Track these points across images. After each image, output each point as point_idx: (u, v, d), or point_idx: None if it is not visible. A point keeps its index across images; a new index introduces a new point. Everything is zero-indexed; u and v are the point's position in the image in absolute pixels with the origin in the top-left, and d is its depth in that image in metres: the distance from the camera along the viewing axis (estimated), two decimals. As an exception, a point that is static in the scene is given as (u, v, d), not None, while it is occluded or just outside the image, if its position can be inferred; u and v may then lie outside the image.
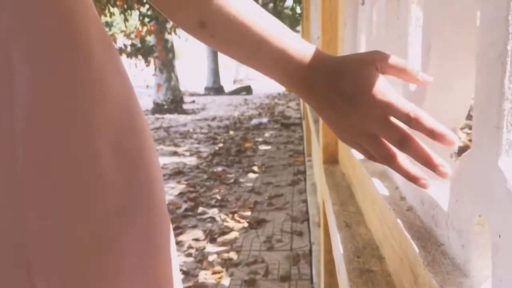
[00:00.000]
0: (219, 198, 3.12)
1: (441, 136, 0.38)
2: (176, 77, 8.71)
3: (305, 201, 2.92)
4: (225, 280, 2.00)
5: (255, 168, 3.91)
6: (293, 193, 3.18)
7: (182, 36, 8.56)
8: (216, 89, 12.72)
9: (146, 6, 6.97)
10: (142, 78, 8.42)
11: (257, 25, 0.42)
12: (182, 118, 7.62)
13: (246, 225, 2.61)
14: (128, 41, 8.42)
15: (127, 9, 6.96)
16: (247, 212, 2.82)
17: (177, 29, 7.74)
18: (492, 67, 0.32)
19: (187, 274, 2.06)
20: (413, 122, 0.39)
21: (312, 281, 1.93)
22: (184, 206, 2.96)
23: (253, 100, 10.42)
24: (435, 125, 0.38)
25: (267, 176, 3.66)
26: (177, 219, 2.74)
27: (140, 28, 7.72)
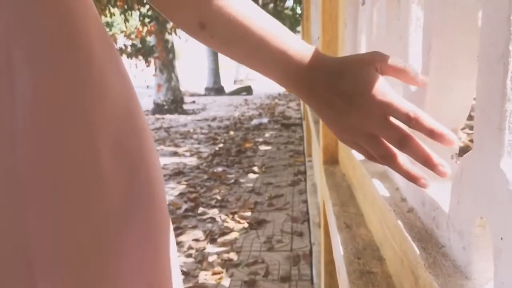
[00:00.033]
0: (219, 199, 3.12)
1: (441, 136, 0.38)
2: (177, 78, 8.71)
3: (306, 202, 2.92)
4: (225, 281, 1.99)
5: (255, 169, 3.91)
6: (294, 194, 3.17)
7: (183, 37, 8.55)
8: (217, 90, 12.72)
9: (147, 7, 6.97)
10: (143, 79, 8.43)
11: (257, 26, 0.42)
12: (183, 119, 7.62)
13: (246, 226, 2.61)
14: (129, 42, 8.42)
15: (128, 10, 6.97)
16: (247, 213, 2.82)
17: (178, 30, 7.73)
18: (494, 68, 0.31)
19: (187, 275, 2.06)
20: (413, 122, 0.39)
21: (313, 282, 1.93)
22: (184, 207, 2.96)
23: (254, 101, 10.43)
24: (435, 125, 0.38)
25: (268, 177, 3.65)
26: (177, 220, 2.74)
27: (141, 29, 7.72)
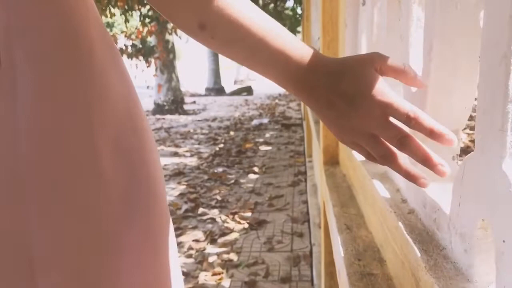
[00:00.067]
0: (220, 199, 3.12)
1: (441, 136, 0.38)
2: (177, 78, 8.71)
3: (306, 202, 2.91)
4: (226, 282, 1.99)
5: (256, 169, 3.90)
6: (294, 194, 3.17)
7: (183, 37, 8.54)
8: (217, 90, 12.72)
9: (147, 7, 6.97)
10: (143, 79, 8.42)
11: (257, 27, 0.42)
12: (183, 119, 7.62)
13: (247, 226, 2.61)
14: (129, 42, 8.42)
15: (128, 10, 6.97)
16: (248, 213, 2.81)
17: (178, 30, 7.73)
18: (496, 69, 0.31)
19: (187, 275, 2.06)
20: (413, 122, 0.39)
21: (313, 283, 1.92)
22: (185, 207, 2.96)
23: (254, 101, 10.42)
24: (435, 125, 0.38)
25: (268, 177, 3.65)
26: (177, 220, 2.74)
27: (141, 29, 7.72)
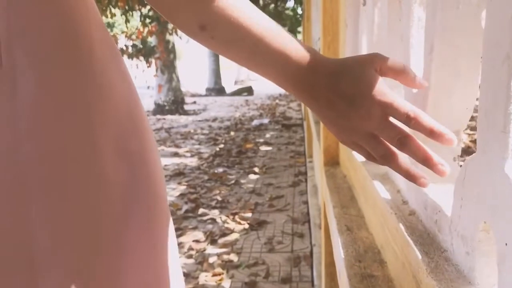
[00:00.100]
0: (220, 199, 3.11)
1: (441, 136, 0.38)
2: (178, 78, 8.70)
3: (306, 203, 2.91)
4: (226, 282, 1.99)
5: (256, 169, 3.90)
6: (294, 195, 3.17)
7: (184, 37, 8.54)
8: (217, 90, 12.71)
9: (148, 7, 6.97)
10: (144, 79, 8.42)
11: (257, 27, 0.42)
12: (183, 119, 7.62)
13: (247, 227, 2.60)
14: (130, 42, 8.42)
15: (129, 10, 6.97)
16: (248, 214, 2.81)
17: (179, 30, 7.72)
18: (498, 69, 0.31)
19: (188, 276, 2.05)
20: (413, 122, 0.39)
21: (313, 284, 1.92)
22: (185, 208, 2.95)
23: (254, 101, 10.42)
24: (435, 125, 0.38)
25: (268, 177, 3.65)
26: (178, 221, 2.73)
27: (142, 29, 7.72)
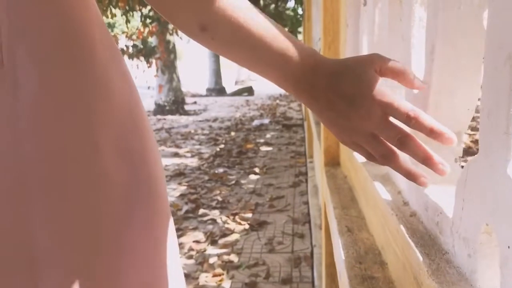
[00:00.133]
0: (220, 200, 3.11)
1: (441, 135, 0.38)
2: (178, 78, 8.70)
3: (307, 203, 2.91)
4: (226, 283, 1.98)
5: (257, 170, 3.90)
6: (295, 195, 3.16)
7: (184, 37, 8.54)
8: (218, 90, 12.71)
9: (148, 7, 6.97)
10: (144, 80, 8.42)
11: (257, 28, 0.42)
12: (184, 119, 7.62)
13: (247, 227, 2.60)
14: (130, 42, 8.42)
15: (129, 10, 6.97)
16: (248, 214, 2.81)
17: (179, 31, 7.72)
18: (501, 70, 0.30)
19: (188, 277, 2.05)
20: (413, 121, 0.39)
21: (314, 284, 1.92)
22: (185, 208, 2.95)
23: (255, 101, 10.42)
24: (435, 124, 0.39)
25: (269, 178, 3.64)
26: (178, 221, 2.73)
27: (142, 29, 7.72)
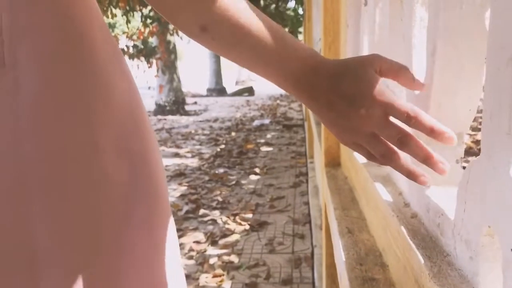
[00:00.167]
0: (221, 200, 3.11)
1: (441, 134, 0.38)
2: (178, 79, 8.71)
3: (307, 203, 2.90)
4: (226, 284, 1.98)
5: (257, 170, 3.89)
6: (295, 195, 3.16)
7: (184, 38, 8.55)
8: (218, 90, 12.71)
9: (148, 8, 6.97)
10: (144, 80, 8.43)
11: (257, 28, 0.42)
12: (184, 120, 7.62)
13: (248, 228, 2.60)
14: (130, 43, 8.43)
15: (129, 11, 6.97)
16: (249, 214, 2.81)
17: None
18: (503, 71, 0.30)
19: (188, 277, 2.05)
20: (413, 121, 0.39)
21: (314, 285, 1.91)
22: (185, 208, 2.95)
23: (255, 101, 10.42)
24: (435, 124, 0.39)
25: (269, 178, 3.64)
26: (178, 221, 2.73)
27: (142, 30, 7.73)
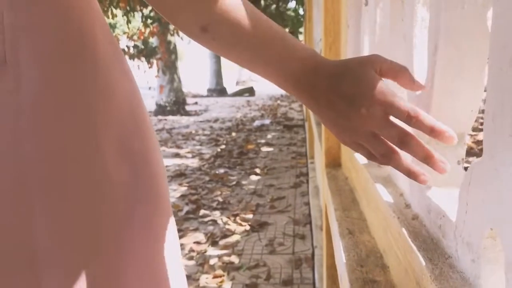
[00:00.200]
0: (221, 201, 3.10)
1: (441, 133, 0.38)
2: (179, 79, 8.71)
3: (308, 204, 2.90)
4: (227, 284, 1.98)
5: (257, 170, 3.89)
6: (296, 196, 3.15)
7: (185, 38, 8.55)
8: (219, 91, 12.71)
9: (149, 8, 6.97)
10: (145, 80, 8.43)
11: (258, 29, 0.42)
12: (185, 120, 7.61)
13: (248, 228, 2.59)
14: (131, 43, 8.43)
15: (130, 11, 6.97)
16: (249, 215, 2.80)
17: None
18: (506, 71, 0.30)
19: (188, 278, 2.04)
20: (413, 120, 0.39)
21: (315, 286, 1.91)
22: (186, 209, 2.94)
23: (256, 102, 10.41)
24: (435, 123, 0.39)
25: (269, 178, 3.64)
26: (179, 222, 2.72)
27: (143, 30, 7.73)
